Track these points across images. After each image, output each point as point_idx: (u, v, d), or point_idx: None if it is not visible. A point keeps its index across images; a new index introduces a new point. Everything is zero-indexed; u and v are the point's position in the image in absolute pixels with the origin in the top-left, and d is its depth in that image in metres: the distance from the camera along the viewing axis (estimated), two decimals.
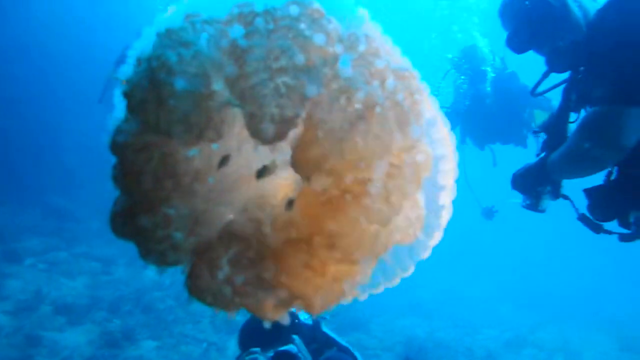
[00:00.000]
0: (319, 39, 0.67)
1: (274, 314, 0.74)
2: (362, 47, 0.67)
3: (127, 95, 0.70)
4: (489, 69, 5.53)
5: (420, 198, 0.72)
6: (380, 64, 0.66)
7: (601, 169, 1.97)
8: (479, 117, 5.46)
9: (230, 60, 0.69)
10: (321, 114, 0.63)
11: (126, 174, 0.71)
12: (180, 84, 0.67)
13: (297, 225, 0.70)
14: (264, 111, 0.65)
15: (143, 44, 0.73)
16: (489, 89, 5.43)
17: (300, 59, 0.66)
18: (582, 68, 2.12)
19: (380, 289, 0.79)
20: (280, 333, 2.45)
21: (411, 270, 0.80)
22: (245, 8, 0.71)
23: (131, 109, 0.70)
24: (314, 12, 0.68)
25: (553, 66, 2.31)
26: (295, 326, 2.54)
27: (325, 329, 2.64)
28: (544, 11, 2.21)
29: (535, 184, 2.30)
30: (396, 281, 0.80)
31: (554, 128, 2.31)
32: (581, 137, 1.94)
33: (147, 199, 0.71)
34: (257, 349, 2.32)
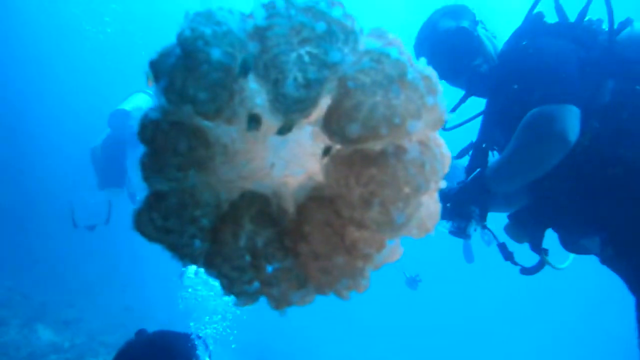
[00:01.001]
0: (337, 12, 0.70)
1: (291, 290, 0.73)
2: (389, 36, 0.73)
3: (155, 63, 0.70)
4: None
5: (437, 193, 0.76)
6: (405, 50, 0.72)
7: (547, 167, 1.98)
8: None
9: (253, 40, 0.72)
10: (350, 77, 0.67)
11: (158, 150, 0.69)
12: (216, 53, 0.67)
13: (324, 187, 0.72)
14: (287, 75, 0.67)
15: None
16: None
17: (321, 26, 0.68)
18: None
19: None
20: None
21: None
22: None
23: (158, 73, 0.70)
24: (334, 1, 0.73)
25: (475, 90, 2.43)
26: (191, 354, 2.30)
27: None
28: (466, 39, 2.39)
29: (469, 201, 2.21)
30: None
31: (476, 153, 2.37)
32: (526, 136, 1.98)
33: (178, 175, 0.69)
34: None
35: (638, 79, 2.04)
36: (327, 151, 0.74)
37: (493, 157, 2.42)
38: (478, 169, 2.27)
